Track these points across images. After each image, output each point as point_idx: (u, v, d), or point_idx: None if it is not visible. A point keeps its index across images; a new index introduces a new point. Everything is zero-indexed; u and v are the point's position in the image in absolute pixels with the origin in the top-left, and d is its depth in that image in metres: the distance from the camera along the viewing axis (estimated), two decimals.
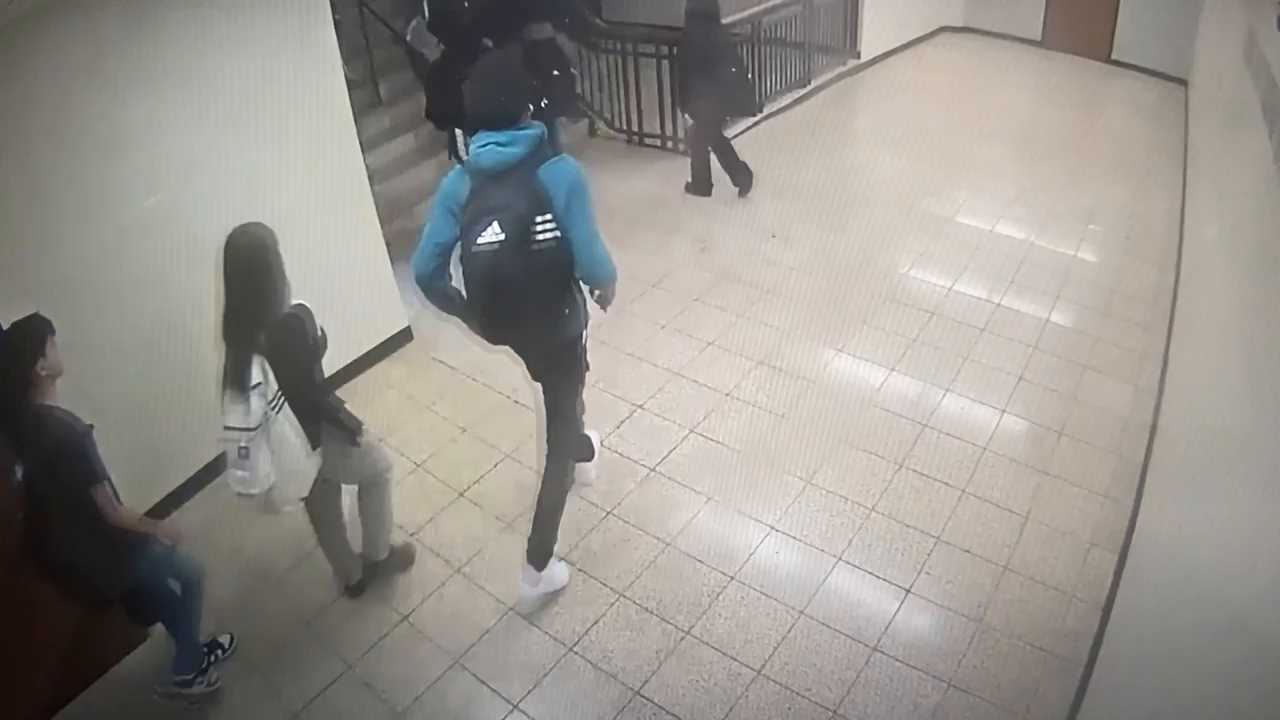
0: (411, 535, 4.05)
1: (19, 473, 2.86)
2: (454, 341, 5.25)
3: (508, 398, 4.86)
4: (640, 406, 4.74)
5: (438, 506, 4.21)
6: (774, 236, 6.38)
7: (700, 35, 6.52)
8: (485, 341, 3.39)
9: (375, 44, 7.25)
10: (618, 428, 4.59)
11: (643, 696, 3.30)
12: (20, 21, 3.17)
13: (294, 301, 3.15)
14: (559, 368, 3.46)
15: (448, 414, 4.78)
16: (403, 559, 3.91)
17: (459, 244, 3.02)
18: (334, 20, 4.61)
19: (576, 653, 3.49)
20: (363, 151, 4.91)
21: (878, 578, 3.71)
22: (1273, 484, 2.04)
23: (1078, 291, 5.60)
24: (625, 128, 7.94)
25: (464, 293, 3.18)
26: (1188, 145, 7.47)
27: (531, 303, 3.08)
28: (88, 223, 3.65)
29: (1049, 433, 4.42)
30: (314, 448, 3.28)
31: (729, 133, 7.89)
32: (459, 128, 5.83)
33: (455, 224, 3.01)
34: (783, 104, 8.77)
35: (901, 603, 3.59)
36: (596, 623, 3.60)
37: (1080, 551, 3.75)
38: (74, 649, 3.43)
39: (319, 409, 3.28)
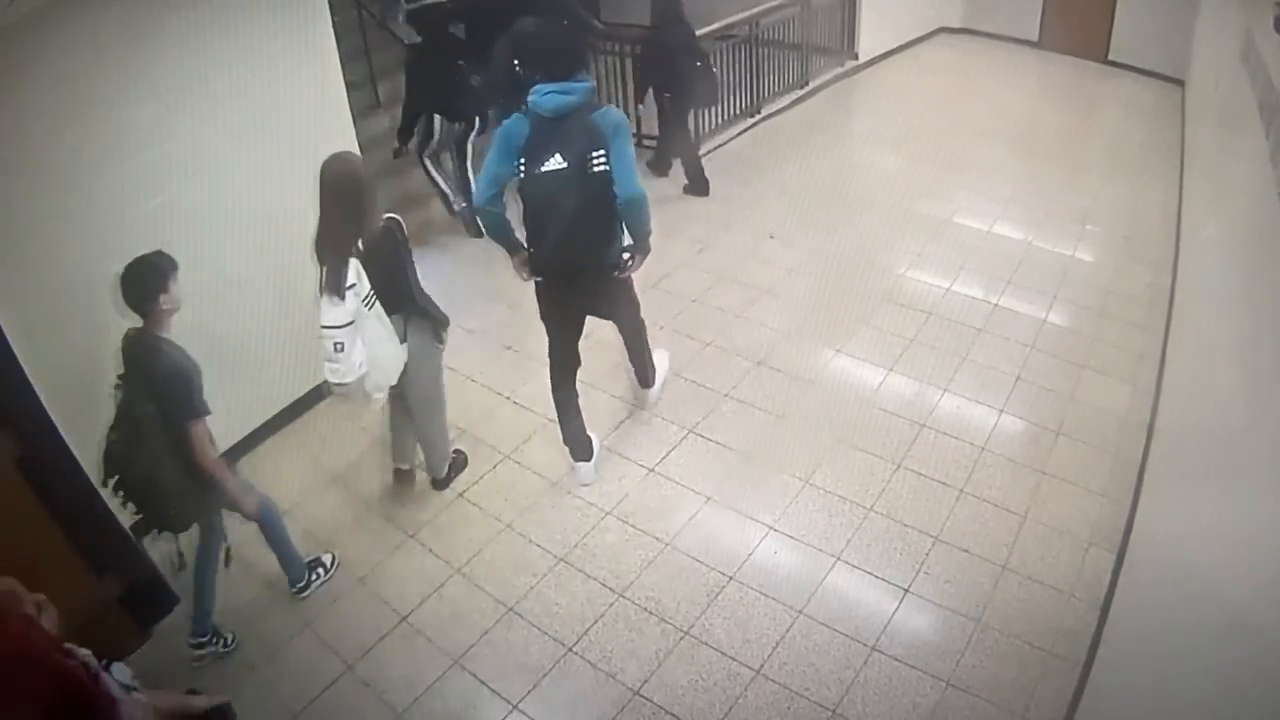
0: (410, 536, 4.06)
1: (118, 396, 3.14)
2: (453, 343, 5.26)
3: (507, 398, 4.87)
4: (639, 407, 4.75)
5: (437, 507, 4.22)
6: (772, 237, 6.39)
7: (663, 29, 6.66)
8: (528, 274, 3.86)
9: (374, 47, 7.27)
10: (616, 428, 4.61)
11: (642, 696, 3.31)
12: (22, 23, 3.17)
13: (385, 215, 3.64)
14: (605, 293, 4.00)
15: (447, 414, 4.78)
16: (460, 463, 4.42)
17: (520, 173, 3.56)
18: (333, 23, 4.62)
19: (576, 653, 3.49)
20: (361, 153, 4.90)
21: (876, 577, 3.72)
22: (1270, 483, 2.05)
23: (1075, 292, 5.62)
24: None
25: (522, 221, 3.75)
26: (1185, 145, 7.49)
27: (584, 220, 3.59)
28: (89, 224, 3.65)
29: (1047, 432, 4.43)
30: (401, 341, 3.73)
31: (732, 130, 7.97)
32: (437, 113, 6.13)
33: (514, 159, 3.55)
34: (781, 105, 8.79)
35: (900, 602, 3.60)
36: (596, 623, 3.60)
37: (1078, 551, 3.76)
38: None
39: (415, 302, 3.76)
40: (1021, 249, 6.13)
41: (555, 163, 3.50)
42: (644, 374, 4.61)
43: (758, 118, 8.51)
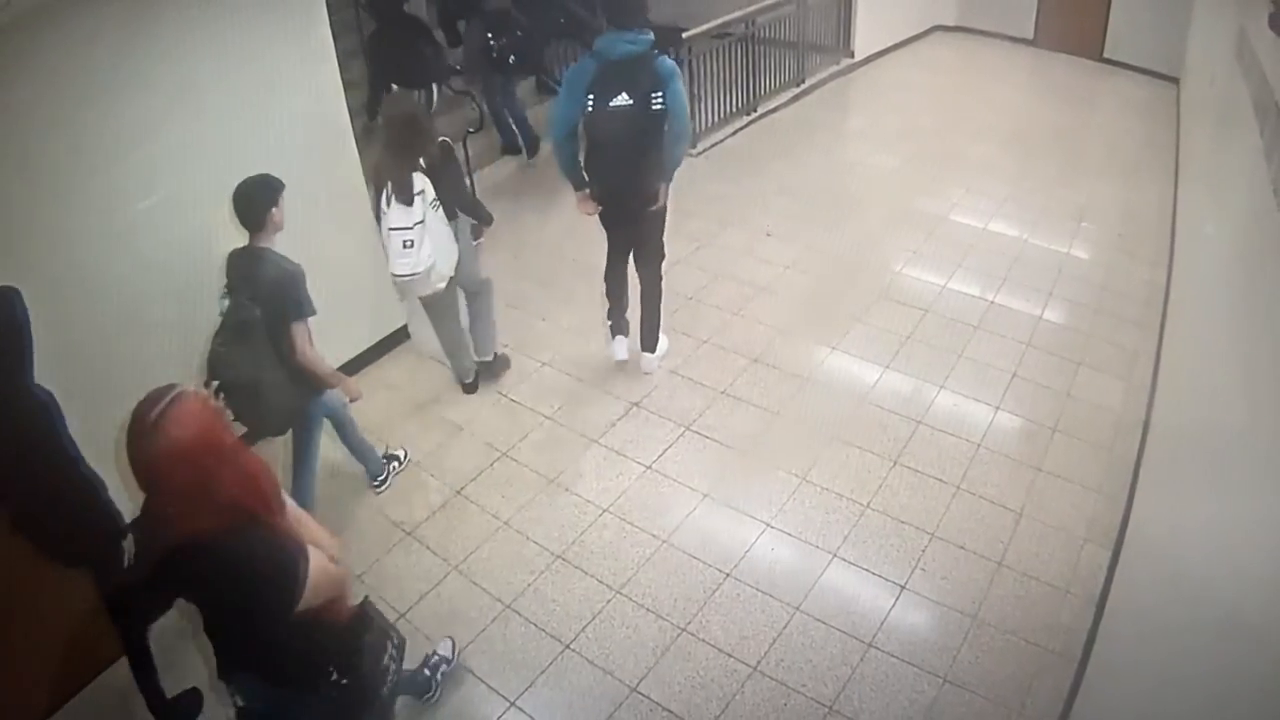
0: (408, 533, 4.07)
1: (223, 305, 3.42)
2: None
3: (503, 395, 4.87)
4: (636, 404, 4.76)
5: (434, 504, 4.22)
6: (769, 235, 6.40)
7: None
8: (592, 209, 4.58)
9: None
10: (613, 426, 4.61)
11: (639, 693, 3.31)
12: (19, 21, 3.15)
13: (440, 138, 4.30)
14: (647, 210, 4.57)
15: (444, 413, 4.79)
16: (503, 362, 5.06)
17: (589, 108, 4.20)
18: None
19: (573, 650, 3.50)
20: (358, 151, 4.91)
21: (873, 574, 3.73)
22: (1264, 480, 2.06)
23: (1070, 289, 5.64)
24: None
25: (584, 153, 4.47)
26: (1179, 143, 7.52)
27: (641, 148, 4.29)
28: (87, 222, 3.64)
29: (1043, 429, 4.45)
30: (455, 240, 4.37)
31: (729, 128, 8.00)
32: (394, 83, 6.68)
33: (582, 98, 4.19)
34: (778, 103, 8.81)
35: (896, 599, 3.61)
36: (593, 620, 3.61)
37: (1074, 547, 3.78)
38: (73, 647, 3.42)
39: (469, 202, 4.63)
40: (1017, 246, 6.15)
41: (622, 100, 4.16)
42: (651, 334, 4.98)
43: (754, 115, 8.53)
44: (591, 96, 4.18)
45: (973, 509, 4.00)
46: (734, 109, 8.33)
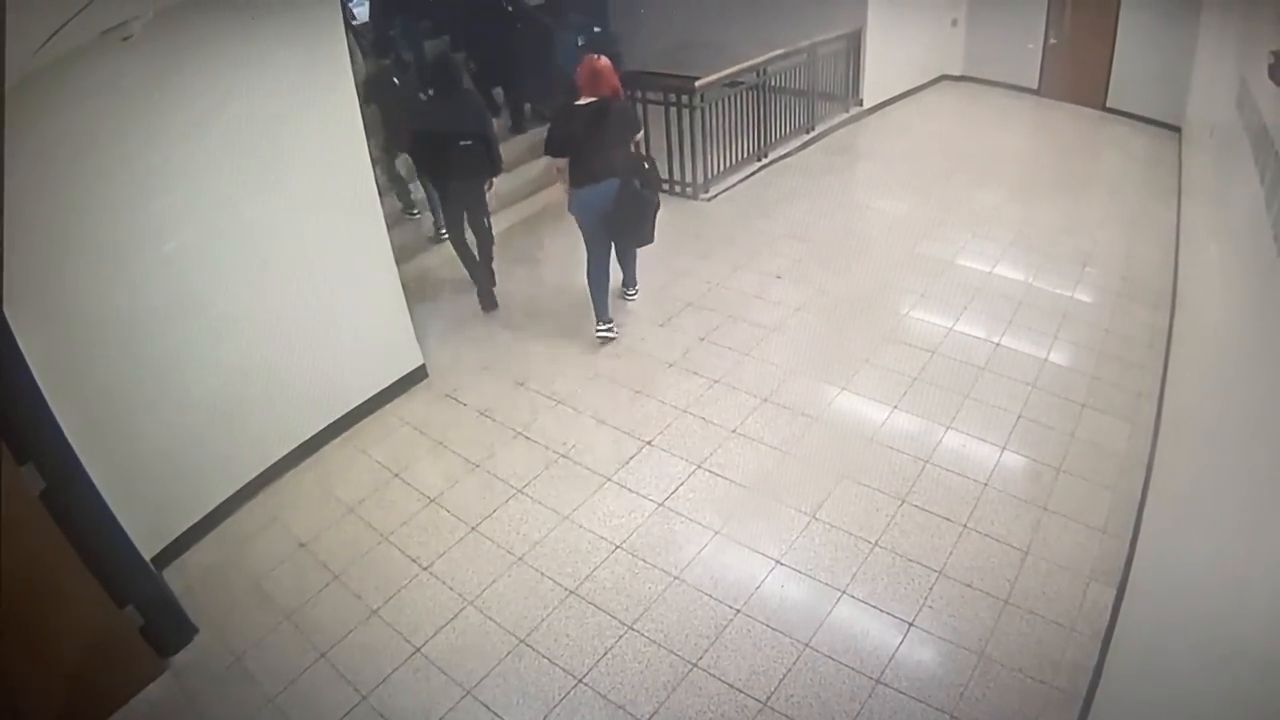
0: (424, 568, 4.13)
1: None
2: (465, 380, 5.38)
3: (519, 434, 4.96)
4: (648, 443, 4.83)
5: (450, 540, 4.29)
6: (779, 278, 6.51)
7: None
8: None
9: None
10: (626, 464, 4.69)
11: None
12: (47, 69, 3.24)
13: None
14: None
15: (460, 449, 4.87)
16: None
17: None
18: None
19: (586, 684, 3.54)
20: (379, 195, 5.04)
21: (881, 611, 3.77)
22: (1266, 518, 2.11)
23: (1075, 332, 5.71)
24: None
25: None
26: (1181, 190, 7.62)
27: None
28: (109, 265, 3.75)
29: (1048, 469, 4.50)
30: None
31: (740, 173, 8.14)
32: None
33: None
34: (788, 149, 8.99)
35: (904, 636, 3.65)
36: (606, 655, 3.66)
37: (1079, 585, 3.81)
38: (89, 680, 3.47)
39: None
40: (1022, 290, 6.24)
41: None
42: None
43: (765, 161, 8.70)
44: None
45: (979, 547, 4.04)
46: (745, 155, 8.51)
